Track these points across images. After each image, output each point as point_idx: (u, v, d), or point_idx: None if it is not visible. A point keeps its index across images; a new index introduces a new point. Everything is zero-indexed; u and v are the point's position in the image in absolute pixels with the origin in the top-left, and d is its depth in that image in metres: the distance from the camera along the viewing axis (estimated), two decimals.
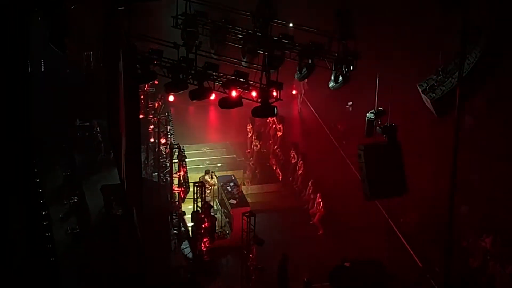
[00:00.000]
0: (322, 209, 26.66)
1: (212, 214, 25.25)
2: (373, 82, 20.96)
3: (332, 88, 21.22)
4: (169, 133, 28.83)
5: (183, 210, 26.61)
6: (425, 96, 19.89)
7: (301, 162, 28.90)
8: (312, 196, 27.40)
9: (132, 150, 20.65)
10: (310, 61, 20.91)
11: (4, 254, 21.11)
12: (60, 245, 24.85)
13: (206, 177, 27.07)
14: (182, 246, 25.57)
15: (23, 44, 19.85)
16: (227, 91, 20.37)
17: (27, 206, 22.19)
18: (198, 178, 27.48)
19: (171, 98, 31.18)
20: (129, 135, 20.56)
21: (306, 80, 30.98)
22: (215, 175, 27.79)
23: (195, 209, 24.99)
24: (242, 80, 20.29)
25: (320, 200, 26.70)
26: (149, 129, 29.39)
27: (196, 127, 32.84)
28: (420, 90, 20.02)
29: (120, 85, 21.95)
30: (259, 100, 20.20)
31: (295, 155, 29.38)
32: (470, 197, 24.83)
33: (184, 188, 26.65)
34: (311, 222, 27.04)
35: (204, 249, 24.69)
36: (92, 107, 30.81)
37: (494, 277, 23.16)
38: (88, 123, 31.20)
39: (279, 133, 30.96)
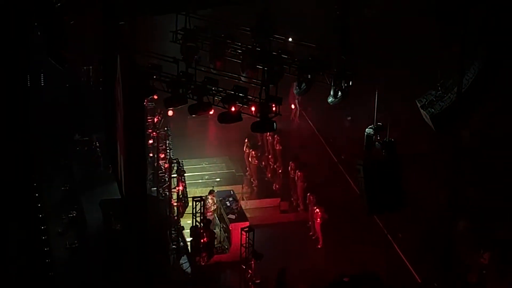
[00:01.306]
0: (319, 219, 26.54)
1: (211, 229, 25.22)
2: (372, 97, 20.98)
3: (331, 103, 21.24)
4: (168, 148, 28.82)
5: (182, 225, 26.55)
6: (424, 112, 19.89)
7: (300, 173, 28.73)
8: (310, 208, 27.24)
9: (136, 164, 20.60)
10: (309, 76, 20.95)
11: (3, 268, 21.10)
12: (58, 259, 24.79)
13: (209, 197, 26.90)
14: (181, 261, 25.52)
15: (22, 58, 19.92)
16: (226, 106, 20.39)
17: (26, 220, 22.23)
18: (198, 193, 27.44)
19: (170, 113, 31.17)
20: (133, 150, 20.49)
21: None
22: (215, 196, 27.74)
23: (194, 224, 24.96)
24: (241, 95, 20.30)
25: (318, 210, 26.57)
26: (148, 143, 29.37)
27: (195, 142, 32.82)
28: (419, 106, 20.03)
29: (118, 99, 21.97)
30: (258, 115, 20.21)
31: (293, 167, 29.23)
32: (469, 212, 24.82)
33: (183, 203, 26.60)
34: (310, 233, 26.96)
35: (203, 264, 24.61)
36: (91, 121, 30.83)
37: None
38: (87, 138, 31.21)
39: (278, 146, 30.90)
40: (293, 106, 34.24)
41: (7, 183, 20.78)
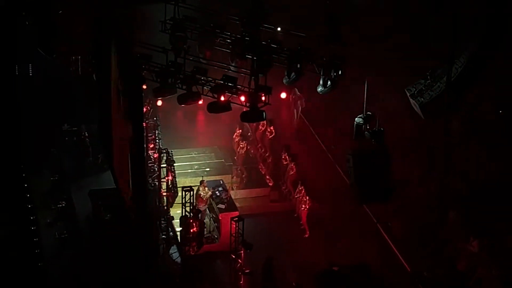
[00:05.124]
0: (307, 206, 26.55)
1: (200, 219, 25.20)
2: (362, 87, 20.97)
3: (320, 93, 21.24)
4: (157, 138, 28.78)
5: (171, 215, 26.54)
6: (413, 101, 19.93)
7: (293, 164, 28.73)
8: (299, 199, 27.22)
9: (136, 155, 20.52)
10: (298, 66, 20.93)
11: None
12: (48, 250, 24.76)
13: (201, 188, 26.78)
14: (171, 251, 25.53)
15: (10, 48, 19.82)
16: (215, 95, 20.36)
17: (15, 211, 22.16)
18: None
19: (159, 102, 31.15)
20: (134, 140, 20.39)
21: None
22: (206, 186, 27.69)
23: (184, 214, 24.95)
24: (230, 84, 20.27)
25: (306, 198, 26.58)
26: None
27: (184, 131, 32.78)
28: (408, 95, 20.06)
29: (112, 89, 21.90)
30: (247, 105, 20.18)
31: (286, 157, 29.22)
32: (458, 200, 24.85)
33: (172, 192, 26.59)
34: (301, 226, 26.99)
35: (193, 254, 24.61)
36: (80, 111, 30.74)
37: (481, 281, 23.17)
38: (76, 128, 31.12)
39: (270, 136, 30.82)
40: (284, 96, 33.85)
41: None
